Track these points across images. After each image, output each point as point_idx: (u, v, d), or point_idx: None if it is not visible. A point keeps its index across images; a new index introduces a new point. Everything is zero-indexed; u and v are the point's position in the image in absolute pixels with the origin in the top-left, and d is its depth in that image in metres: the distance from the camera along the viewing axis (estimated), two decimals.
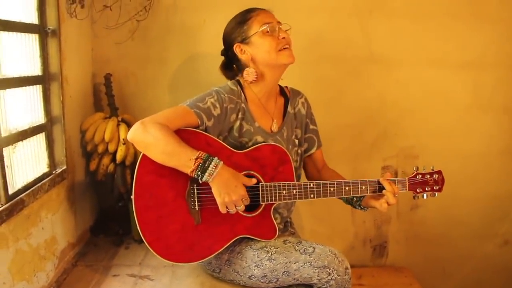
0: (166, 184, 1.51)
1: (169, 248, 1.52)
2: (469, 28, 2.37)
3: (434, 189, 1.69)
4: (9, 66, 1.58)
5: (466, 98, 2.46)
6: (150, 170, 1.49)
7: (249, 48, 1.65)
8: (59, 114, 1.88)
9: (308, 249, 1.55)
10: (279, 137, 1.73)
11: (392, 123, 2.47)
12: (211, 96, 1.60)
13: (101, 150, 2.09)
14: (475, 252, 2.71)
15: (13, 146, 1.60)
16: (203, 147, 1.51)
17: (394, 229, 2.65)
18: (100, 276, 1.86)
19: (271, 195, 1.59)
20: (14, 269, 1.51)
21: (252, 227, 1.61)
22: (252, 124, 1.68)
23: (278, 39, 1.63)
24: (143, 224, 1.50)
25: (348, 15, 2.32)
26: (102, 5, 2.17)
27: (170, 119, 1.49)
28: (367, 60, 2.38)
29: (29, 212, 1.63)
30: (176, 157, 1.43)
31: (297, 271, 1.53)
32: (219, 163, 1.44)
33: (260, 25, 1.62)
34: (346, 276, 1.53)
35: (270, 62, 1.64)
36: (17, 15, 1.63)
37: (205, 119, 1.55)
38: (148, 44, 2.29)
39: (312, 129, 1.88)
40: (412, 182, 1.67)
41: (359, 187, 1.62)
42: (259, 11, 1.67)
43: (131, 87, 2.33)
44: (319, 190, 1.61)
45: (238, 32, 1.67)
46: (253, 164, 1.60)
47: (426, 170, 1.69)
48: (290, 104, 1.80)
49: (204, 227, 1.55)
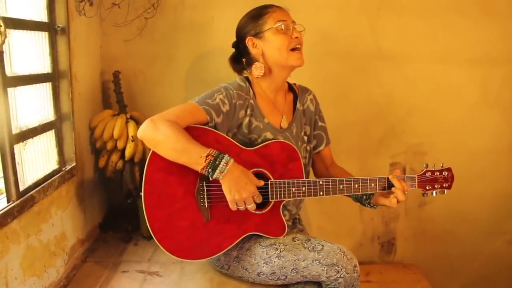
0: (175, 181, 1.51)
1: (178, 245, 1.53)
2: (477, 25, 2.35)
3: (443, 186, 1.69)
4: (20, 64, 1.59)
5: (474, 95, 2.45)
6: (159, 167, 1.49)
7: (261, 42, 1.66)
8: (68, 111, 1.89)
9: (317, 246, 1.55)
10: (289, 134, 1.73)
11: (400, 120, 2.47)
12: (220, 93, 1.61)
13: (110, 147, 2.11)
14: (483, 249, 2.71)
15: (23, 143, 1.61)
16: (213, 144, 1.51)
17: (402, 226, 2.64)
18: (109, 272, 1.87)
19: (280, 192, 1.59)
20: (25, 264, 1.53)
21: (261, 224, 1.62)
22: (261, 120, 1.68)
23: (291, 38, 1.63)
24: (153, 221, 1.50)
25: (357, 12, 2.32)
26: (110, 3, 2.19)
27: (179, 116, 1.49)
28: (375, 57, 2.37)
29: (39, 209, 1.64)
30: (186, 154, 1.44)
31: (305, 269, 1.54)
32: (229, 161, 1.44)
33: (275, 22, 1.63)
34: (355, 274, 1.54)
35: (279, 60, 1.65)
36: (27, 14, 1.64)
37: (214, 115, 1.55)
38: (157, 41, 2.29)
39: (321, 126, 1.88)
40: (421, 180, 1.67)
41: (368, 185, 1.62)
42: (276, 8, 1.67)
43: (140, 85, 2.34)
44: (328, 187, 1.60)
45: (253, 25, 1.67)
46: (262, 161, 1.61)
47: (436, 167, 1.69)
48: (299, 100, 1.81)
49: (214, 224, 1.56)
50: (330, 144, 1.91)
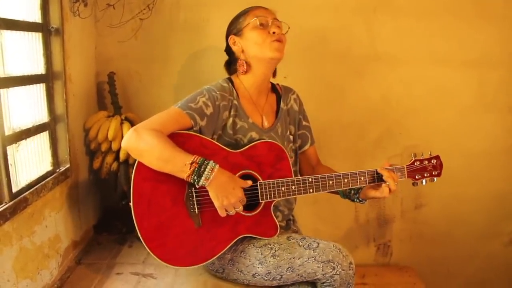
0: (163, 189, 1.50)
1: (171, 253, 1.52)
2: (473, 27, 2.36)
3: (433, 174, 1.71)
4: (13, 64, 1.58)
5: (470, 97, 2.45)
6: (146, 176, 1.48)
7: (241, 40, 1.68)
8: (62, 112, 1.88)
9: (312, 244, 1.55)
10: (274, 134, 1.73)
11: (396, 121, 2.47)
12: (203, 95, 1.60)
13: (104, 148, 2.10)
14: (480, 251, 2.70)
15: (16, 144, 1.60)
16: (199, 149, 1.51)
17: (398, 228, 2.64)
18: (104, 274, 1.86)
19: (270, 192, 1.59)
20: (17, 267, 1.51)
21: (253, 226, 1.61)
22: (246, 120, 1.68)
23: (269, 33, 1.64)
24: (144, 231, 1.49)
25: (352, 13, 2.32)
26: (105, 4, 2.18)
27: (163, 124, 1.49)
28: (371, 59, 2.37)
29: (32, 210, 1.63)
30: (171, 163, 1.43)
31: (301, 267, 1.53)
32: (215, 167, 1.43)
33: (253, 18, 1.65)
34: (351, 271, 1.53)
35: (257, 54, 1.65)
36: (20, 14, 1.63)
37: (198, 119, 1.55)
38: (152, 42, 2.29)
39: (305, 125, 1.88)
40: (410, 169, 1.69)
41: (357, 178, 1.63)
42: (259, 7, 1.69)
43: (135, 86, 2.33)
44: (318, 184, 1.60)
45: (234, 25, 1.71)
46: (250, 163, 1.60)
47: (424, 156, 1.70)
48: (282, 100, 1.80)
49: (205, 230, 1.55)
50: (315, 143, 1.91)
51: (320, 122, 2.37)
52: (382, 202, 2.59)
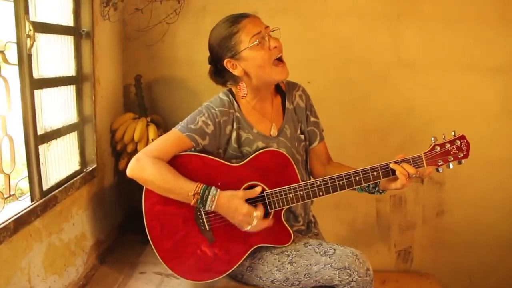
0: (174, 211, 1.56)
1: (190, 269, 1.60)
2: (499, 33, 2.33)
3: (458, 157, 1.56)
4: (46, 66, 1.63)
5: (496, 104, 2.42)
6: (156, 201, 1.56)
7: (241, 63, 1.58)
8: (90, 113, 1.93)
9: (328, 250, 1.54)
10: (283, 138, 1.69)
11: (420, 128, 2.44)
12: (202, 114, 1.60)
13: (130, 149, 2.14)
14: (503, 261, 2.65)
15: (47, 144, 1.65)
16: (201, 167, 1.55)
17: (419, 234, 2.61)
18: (127, 273, 1.90)
19: (278, 201, 1.57)
20: (47, 262, 1.56)
21: (266, 235, 1.60)
22: (250, 131, 1.65)
23: (270, 50, 1.56)
24: (162, 252, 1.58)
25: (376, 20, 2.32)
26: (134, 8, 2.23)
27: (163, 150, 1.54)
28: (394, 65, 2.36)
29: (61, 208, 1.68)
30: (175, 193, 1.51)
31: (318, 273, 1.52)
32: (215, 194, 1.48)
33: (249, 38, 1.54)
34: (368, 278, 1.51)
35: (263, 77, 1.59)
36: (54, 18, 1.69)
37: (199, 140, 1.57)
38: (178, 46, 2.33)
39: (313, 121, 1.79)
40: (430, 156, 1.56)
41: (370, 174, 1.55)
42: (245, 21, 1.56)
43: (160, 89, 2.37)
44: (327, 186, 1.55)
45: (227, 47, 1.58)
46: (254, 174, 1.58)
47: (446, 138, 1.57)
48: (287, 99, 1.74)
49: (219, 244, 1.59)
50: (324, 140, 1.82)
51: (343, 127, 2.38)
52: (403, 208, 2.57)
